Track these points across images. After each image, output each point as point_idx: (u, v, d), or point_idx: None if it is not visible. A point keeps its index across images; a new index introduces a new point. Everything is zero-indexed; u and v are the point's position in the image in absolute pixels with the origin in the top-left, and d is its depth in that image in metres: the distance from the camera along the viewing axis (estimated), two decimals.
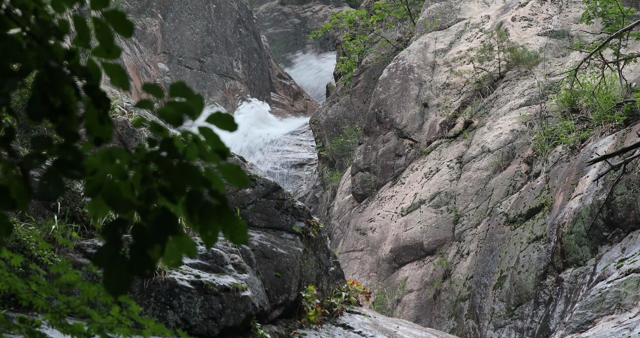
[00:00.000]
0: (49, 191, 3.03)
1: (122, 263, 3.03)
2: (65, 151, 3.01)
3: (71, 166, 3.03)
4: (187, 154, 3.00)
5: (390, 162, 23.22)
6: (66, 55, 3.01)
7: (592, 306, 14.30)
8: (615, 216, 15.85)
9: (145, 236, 3.00)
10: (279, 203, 12.80)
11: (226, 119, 3.02)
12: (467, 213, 20.32)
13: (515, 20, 24.17)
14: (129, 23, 3.01)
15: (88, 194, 3.03)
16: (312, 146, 35.48)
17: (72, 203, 10.89)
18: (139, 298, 10.34)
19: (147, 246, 3.00)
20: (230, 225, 3.02)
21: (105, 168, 3.00)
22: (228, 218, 3.01)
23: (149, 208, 2.99)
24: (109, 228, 3.06)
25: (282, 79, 44.69)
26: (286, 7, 50.88)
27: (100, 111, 3.01)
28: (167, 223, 3.00)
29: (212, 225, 3.00)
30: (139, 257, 3.03)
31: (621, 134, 17.15)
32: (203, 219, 2.99)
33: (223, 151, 3.02)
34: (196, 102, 3.01)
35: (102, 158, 2.99)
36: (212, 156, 3.02)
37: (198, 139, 3.00)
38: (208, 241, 3.01)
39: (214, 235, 3.00)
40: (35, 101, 2.98)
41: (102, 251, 3.05)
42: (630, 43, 20.86)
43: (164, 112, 3.01)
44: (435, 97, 23.46)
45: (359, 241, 22.09)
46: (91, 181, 3.01)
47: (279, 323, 11.83)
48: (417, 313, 19.57)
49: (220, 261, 11.23)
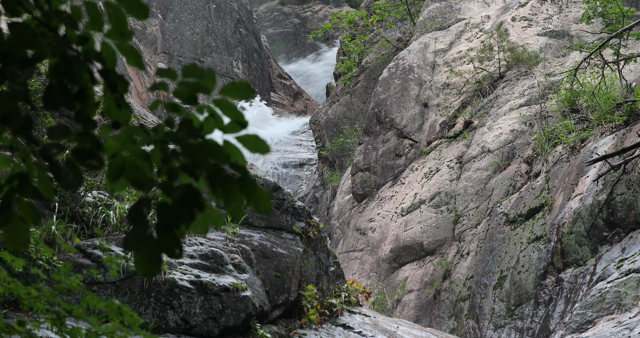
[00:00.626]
0: (69, 181, 3.05)
1: (151, 243, 3.07)
2: (83, 138, 3.03)
3: (90, 155, 3.05)
4: (204, 128, 3.02)
5: (390, 162, 23.22)
6: (80, 40, 3.02)
7: (592, 306, 14.30)
8: (615, 216, 15.85)
9: (170, 214, 3.03)
10: (279, 203, 12.80)
11: (241, 87, 3.04)
12: (467, 213, 20.33)
13: (515, 20, 24.17)
14: (142, 5, 3.03)
15: (111, 178, 3.05)
16: (312, 146, 35.48)
17: (72, 203, 10.89)
18: (139, 298, 10.34)
19: (173, 224, 3.04)
20: (253, 195, 3.04)
21: (127, 148, 3.02)
22: (250, 188, 3.03)
23: (173, 186, 3.02)
24: (135, 209, 3.08)
25: (282, 79, 44.69)
26: (286, 7, 50.87)
27: (117, 95, 3.03)
28: (193, 200, 3.03)
29: (236, 196, 3.02)
30: (166, 236, 3.06)
31: (621, 134, 17.16)
32: (226, 192, 3.02)
33: (241, 121, 3.04)
34: (208, 79, 3.04)
35: (122, 141, 3.02)
36: (232, 127, 3.04)
37: (215, 113, 3.02)
38: (234, 213, 3.04)
39: (239, 206, 3.03)
40: (53, 89, 2.99)
41: (131, 234, 3.08)
42: (630, 43, 20.86)
43: (179, 92, 3.04)
44: (435, 97, 23.47)
45: (359, 241, 22.09)
46: (113, 164, 3.03)
47: (279, 323, 11.83)
48: (417, 313, 19.57)
49: (220, 261, 11.23)
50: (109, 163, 3.04)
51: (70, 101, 3.01)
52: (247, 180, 3.01)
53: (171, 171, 3.02)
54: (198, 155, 3.00)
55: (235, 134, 3.03)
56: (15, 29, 2.97)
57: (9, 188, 3.07)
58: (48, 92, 3.00)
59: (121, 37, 3.03)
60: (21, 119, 3.04)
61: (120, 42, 3.04)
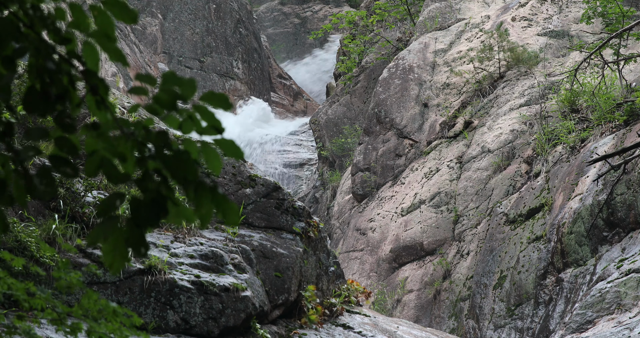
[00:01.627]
0: (42, 190, 3.08)
1: (119, 237, 3.14)
2: (61, 142, 3.06)
3: (65, 163, 3.09)
4: (182, 128, 3.13)
5: (390, 162, 23.22)
6: (61, 40, 3.04)
7: (592, 306, 14.30)
8: (615, 216, 15.85)
9: (140, 211, 3.12)
10: (279, 203, 12.80)
11: (220, 98, 3.15)
12: (467, 213, 20.33)
13: (515, 20, 24.17)
14: (131, 10, 3.06)
15: (89, 174, 3.13)
16: (312, 146, 35.48)
17: (72, 203, 10.89)
18: (139, 298, 10.34)
19: (143, 223, 3.13)
20: (222, 206, 3.16)
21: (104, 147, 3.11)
22: (220, 199, 3.15)
23: (148, 185, 3.12)
24: (107, 201, 3.16)
25: (282, 79, 44.69)
26: (286, 7, 50.88)
27: (97, 97, 3.09)
28: (162, 204, 3.13)
29: (206, 203, 3.14)
30: (135, 231, 3.14)
31: (621, 134, 17.16)
32: (198, 196, 3.13)
33: (218, 126, 3.15)
34: (188, 88, 3.15)
35: (100, 140, 3.10)
36: (208, 131, 3.15)
37: (193, 116, 3.13)
38: (202, 218, 3.16)
39: (209, 213, 3.15)
40: (33, 91, 3.01)
41: (100, 225, 3.15)
42: (630, 43, 20.86)
43: (159, 98, 3.13)
44: (435, 97, 23.47)
45: (359, 241, 22.09)
46: (91, 161, 3.11)
47: (279, 323, 11.83)
48: (417, 313, 19.58)
49: (220, 261, 11.23)
50: (87, 160, 3.12)
51: (50, 104, 3.03)
52: (217, 190, 3.14)
53: (145, 174, 3.12)
54: (172, 165, 3.10)
55: (212, 137, 3.15)
56: (1, 23, 2.98)
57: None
58: (28, 95, 3.01)
59: (107, 39, 3.06)
60: (2, 125, 3.06)
61: (106, 43, 3.08)
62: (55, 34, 3.04)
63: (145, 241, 3.16)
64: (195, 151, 3.12)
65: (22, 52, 3.04)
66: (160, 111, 3.13)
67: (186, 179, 3.10)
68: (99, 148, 3.09)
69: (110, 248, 3.14)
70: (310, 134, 36.29)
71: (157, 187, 3.10)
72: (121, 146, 3.08)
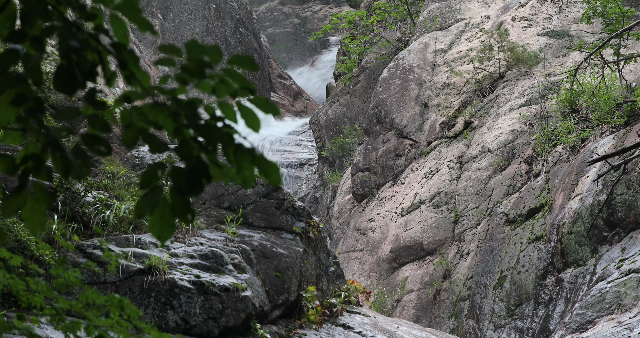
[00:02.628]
0: (78, 166, 3.09)
1: (165, 207, 3.15)
2: (94, 120, 3.08)
3: (98, 141, 3.11)
4: (216, 92, 3.16)
5: (390, 162, 23.22)
6: (87, 17, 3.05)
7: (592, 306, 14.30)
8: (615, 216, 15.84)
9: (183, 179, 3.12)
10: (279, 203, 12.80)
11: (246, 60, 3.18)
12: (467, 213, 20.32)
13: (515, 20, 24.17)
14: None
15: (127, 145, 3.14)
16: (312, 146, 35.48)
17: (72, 203, 10.89)
18: (139, 298, 10.34)
19: (186, 191, 3.13)
20: (263, 165, 3.17)
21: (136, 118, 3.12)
22: (260, 159, 3.15)
23: (187, 152, 3.13)
24: (149, 172, 3.15)
25: (282, 79, 44.68)
26: (286, 7, 50.87)
27: (127, 72, 3.10)
28: (202, 171, 3.13)
29: (247, 165, 3.14)
30: (180, 200, 3.14)
31: (621, 134, 17.15)
32: (238, 158, 3.14)
33: (250, 87, 3.18)
34: (214, 54, 3.17)
35: (133, 112, 3.12)
36: (242, 92, 3.18)
37: (225, 79, 3.16)
38: (245, 180, 3.17)
39: (251, 175, 3.16)
40: (62, 71, 3.02)
41: (145, 197, 3.15)
42: (630, 43, 20.86)
43: (187, 67, 3.15)
44: (435, 97, 23.46)
45: (359, 241, 22.09)
46: (128, 132, 3.13)
47: (279, 323, 11.83)
48: (417, 313, 19.57)
49: (220, 261, 11.23)
50: (124, 132, 3.14)
51: (78, 81, 3.04)
52: (256, 150, 3.15)
53: (183, 142, 3.12)
54: (205, 133, 3.12)
55: (246, 97, 3.18)
56: (28, 1, 2.98)
57: (24, 169, 3.09)
58: (58, 74, 3.03)
59: (133, 10, 3.08)
60: (31, 102, 3.06)
61: (132, 14, 3.09)
62: (80, 10, 3.05)
63: (192, 208, 3.16)
64: (232, 113, 3.14)
65: (50, 31, 3.04)
66: (190, 79, 3.14)
67: (223, 144, 3.11)
68: (134, 120, 3.10)
69: (157, 218, 3.14)
70: (310, 134, 36.29)
71: (197, 154, 3.11)
72: (153, 116, 3.09)
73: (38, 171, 3.10)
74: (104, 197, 11.29)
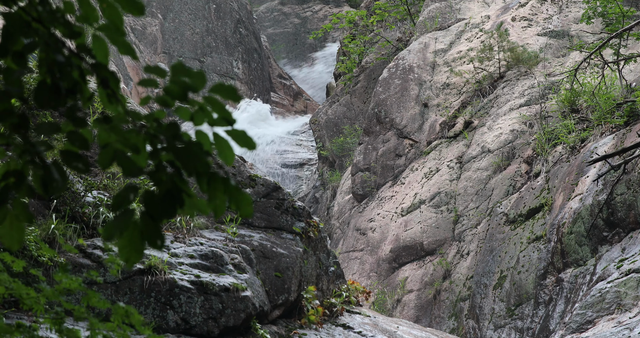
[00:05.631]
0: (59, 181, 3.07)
1: (135, 230, 3.11)
2: (73, 136, 3.06)
3: (77, 157, 3.10)
4: (194, 120, 3.12)
5: (390, 162, 23.22)
6: (71, 34, 3.04)
7: (592, 306, 14.30)
8: (615, 216, 15.85)
9: (155, 203, 3.10)
10: (279, 203, 12.80)
11: (229, 90, 3.14)
12: (467, 213, 20.32)
13: (515, 20, 24.17)
14: (138, 3, 3.07)
15: (103, 166, 3.12)
16: (312, 146, 35.48)
17: (72, 203, 10.88)
18: (139, 298, 10.34)
19: (158, 215, 3.10)
20: (235, 197, 3.14)
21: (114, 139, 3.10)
22: (233, 190, 3.13)
23: (161, 177, 3.10)
24: (121, 195, 3.13)
25: (282, 79, 44.68)
26: (286, 7, 50.87)
27: (109, 91, 3.08)
28: (177, 196, 3.11)
29: (219, 194, 3.11)
30: (150, 224, 3.11)
31: (621, 134, 17.16)
32: (211, 187, 3.11)
33: (228, 118, 3.14)
34: (198, 79, 3.14)
35: (113, 133, 3.09)
36: (219, 122, 3.14)
37: (204, 107, 3.13)
38: (216, 209, 3.13)
39: (222, 204, 3.12)
40: (44, 86, 3.01)
41: (115, 220, 3.12)
42: (630, 43, 20.86)
43: (169, 90, 3.13)
44: (435, 97, 23.46)
45: (359, 241, 22.09)
46: (104, 153, 3.11)
47: (279, 323, 11.83)
48: (417, 313, 19.57)
49: (220, 261, 11.23)
50: (100, 152, 3.12)
51: (61, 98, 3.03)
52: (229, 181, 3.11)
53: (159, 165, 3.10)
54: (184, 157, 3.09)
55: (224, 128, 3.14)
56: (11, 18, 2.97)
57: (4, 185, 3.08)
58: (39, 90, 3.02)
59: (116, 32, 3.06)
60: (15, 118, 3.05)
61: (115, 36, 3.07)
62: (65, 27, 3.04)
63: (161, 234, 3.13)
64: (208, 142, 3.11)
65: (33, 47, 3.03)
66: (171, 102, 3.12)
67: (198, 171, 3.08)
68: (112, 141, 3.08)
69: (126, 242, 3.12)
70: (310, 134, 36.29)
71: (171, 179, 3.08)
72: (133, 138, 3.07)
73: (19, 187, 3.07)
74: (104, 197, 11.29)
